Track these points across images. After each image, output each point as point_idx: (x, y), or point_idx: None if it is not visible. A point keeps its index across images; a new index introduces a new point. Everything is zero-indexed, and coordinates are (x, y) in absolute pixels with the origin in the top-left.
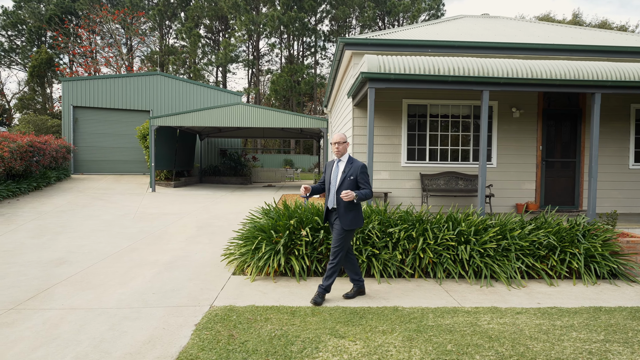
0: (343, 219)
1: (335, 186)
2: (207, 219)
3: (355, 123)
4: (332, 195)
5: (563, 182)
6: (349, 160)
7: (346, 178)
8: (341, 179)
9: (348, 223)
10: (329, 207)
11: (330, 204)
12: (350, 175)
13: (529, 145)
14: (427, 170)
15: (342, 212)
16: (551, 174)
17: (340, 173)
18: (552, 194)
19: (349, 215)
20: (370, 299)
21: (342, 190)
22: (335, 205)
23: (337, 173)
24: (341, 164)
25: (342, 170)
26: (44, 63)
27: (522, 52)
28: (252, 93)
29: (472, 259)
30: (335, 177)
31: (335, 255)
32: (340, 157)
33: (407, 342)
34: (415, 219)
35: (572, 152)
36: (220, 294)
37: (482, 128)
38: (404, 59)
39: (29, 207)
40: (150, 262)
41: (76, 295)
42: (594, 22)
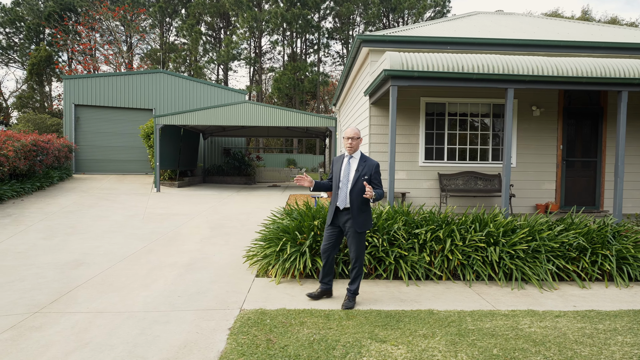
0: (356, 221)
1: (348, 185)
2: (217, 219)
3: (372, 122)
4: (345, 195)
5: (583, 182)
6: (362, 157)
7: (360, 177)
8: (354, 178)
9: (361, 225)
10: (340, 207)
11: (341, 204)
12: (364, 175)
13: (549, 144)
14: (446, 170)
15: (356, 214)
16: (571, 174)
17: (354, 171)
18: (572, 194)
19: (362, 217)
20: (403, 302)
21: (356, 190)
22: (348, 206)
23: (348, 171)
24: (353, 162)
25: (356, 168)
26: (43, 61)
27: (543, 50)
28: (254, 91)
29: (502, 260)
30: (346, 176)
31: (356, 258)
32: (352, 153)
33: (451, 346)
34: (441, 220)
35: (593, 151)
36: (247, 297)
37: (506, 127)
38: (426, 56)
39: (34, 208)
40: (169, 264)
41: (100, 298)
42: (603, 19)
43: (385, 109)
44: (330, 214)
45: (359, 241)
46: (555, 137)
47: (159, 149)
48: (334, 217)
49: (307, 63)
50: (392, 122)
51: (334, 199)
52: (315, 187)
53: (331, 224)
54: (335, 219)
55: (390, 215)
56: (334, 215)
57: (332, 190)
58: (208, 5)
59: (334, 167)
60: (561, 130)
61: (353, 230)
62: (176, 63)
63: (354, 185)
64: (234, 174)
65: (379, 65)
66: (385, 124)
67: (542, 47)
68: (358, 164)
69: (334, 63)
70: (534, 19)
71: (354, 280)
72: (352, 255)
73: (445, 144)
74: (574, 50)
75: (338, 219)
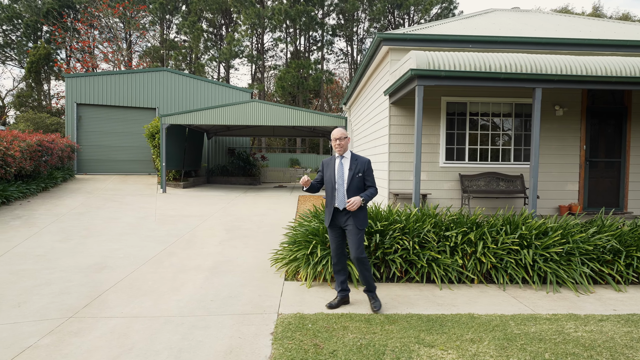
0: (356, 219)
1: (344, 185)
2: (231, 221)
3: (392, 122)
4: (342, 195)
5: (607, 182)
6: (353, 156)
7: (354, 176)
8: (349, 177)
9: (361, 222)
10: (339, 207)
11: (341, 205)
12: (357, 173)
13: (571, 144)
14: (467, 170)
15: (355, 212)
16: (595, 175)
17: (347, 171)
18: (595, 195)
19: (360, 215)
20: (440, 306)
21: (352, 188)
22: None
23: (342, 171)
24: (345, 162)
25: (349, 167)
26: (42, 59)
27: (567, 48)
28: (256, 90)
29: (536, 263)
30: (341, 176)
31: (357, 259)
32: (343, 153)
33: (501, 350)
34: (471, 222)
35: (616, 151)
36: (282, 301)
37: (534, 127)
38: (452, 55)
39: (43, 209)
40: (193, 267)
41: (132, 302)
42: (615, 15)
43: (406, 109)
44: (328, 215)
45: (359, 239)
46: (578, 137)
47: (165, 149)
48: (333, 218)
49: (312, 61)
50: (418, 122)
51: (331, 201)
52: (308, 189)
53: (331, 225)
54: (335, 219)
55: (419, 219)
56: (333, 216)
57: (315, 190)
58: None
59: (325, 169)
60: (584, 130)
61: (353, 228)
62: (177, 61)
63: (350, 184)
64: (238, 175)
65: (401, 64)
66: (405, 124)
67: (567, 46)
68: (350, 163)
69: (338, 60)
70: (552, 16)
71: (364, 282)
72: (353, 255)
73: (467, 144)
74: (598, 48)
75: (337, 219)
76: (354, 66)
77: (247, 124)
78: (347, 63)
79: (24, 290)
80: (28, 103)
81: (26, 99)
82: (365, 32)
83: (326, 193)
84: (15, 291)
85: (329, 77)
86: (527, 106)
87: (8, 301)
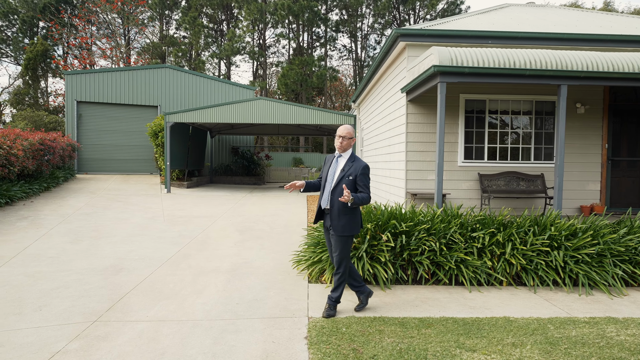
0: (335, 223)
1: (331, 185)
2: (241, 222)
3: (409, 120)
4: (327, 194)
5: (629, 182)
6: (350, 157)
7: (344, 177)
8: (339, 177)
9: (340, 228)
10: (322, 206)
11: (323, 204)
12: (349, 175)
13: (593, 143)
14: (486, 170)
15: (335, 215)
16: (617, 174)
17: (339, 171)
18: (617, 195)
19: (342, 220)
20: (472, 309)
21: (338, 190)
22: (329, 206)
23: (334, 170)
24: (341, 160)
25: (342, 167)
26: (39, 55)
27: (590, 44)
28: (258, 87)
29: (567, 265)
30: (332, 175)
31: (339, 263)
32: (342, 152)
33: (546, 355)
34: (498, 223)
35: (639, 150)
36: (310, 304)
37: (559, 125)
38: (475, 50)
39: (47, 210)
40: (211, 269)
41: (155, 305)
42: (626, 10)
43: (424, 107)
44: (316, 213)
45: (341, 245)
46: (600, 135)
47: (169, 148)
48: (317, 216)
49: (315, 57)
50: (441, 120)
51: (320, 198)
52: (306, 187)
53: (324, 227)
54: (324, 219)
55: (445, 220)
56: (318, 215)
57: (317, 188)
58: None
59: (324, 165)
60: (606, 129)
61: (333, 233)
62: (177, 57)
63: (336, 185)
64: (242, 174)
65: (421, 60)
66: (422, 122)
67: (589, 42)
68: (345, 164)
69: (341, 57)
70: (570, 11)
71: (336, 288)
72: (335, 260)
73: (486, 143)
74: (622, 44)
75: (325, 219)
76: (358, 63)
77: (254, 122)
78: (350, 60)
79: (42, 293)
80: (25, 101)
81: (23, 96)
82: (370, 27)
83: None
84: (34, 294)
85: (333, 74)
86: (547, 104)
87: (28, 305)
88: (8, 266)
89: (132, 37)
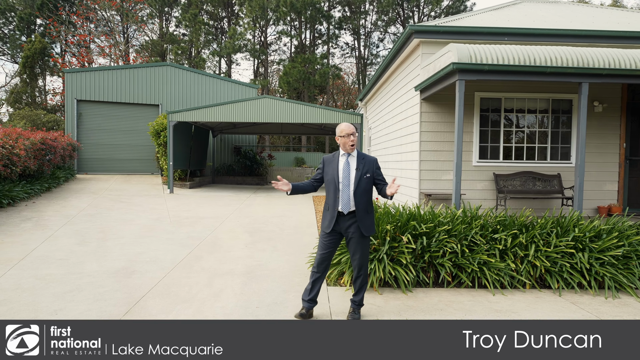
0: (363, 224)
1: (351, 187)
2: (250, 223)
3: (423, 119)
4: (349, 197)
5: None
6: (359, 155)
7: (362, 177)
8: (356, 177)
9: (368, 228)
10: (343, 211)
11: (345, 208)
12: (365, 173)
13: (611, 142)
14: (501, 170)
15: (362, 216)
16: (635, 174)
17: (355, 170)
18: (635, 195)
19: (368, 220)
20: (499, 313)
21: (360, 190)
22: (353, 209)
23: (348, 171)
24: (352, 160)
25: (356, 167)
26: (37, 53)
27: (608, 41)
28: (259, 85)
29: (593, 267)
30: (347, 176)
31: (361, 266)
32: (352, 151)
33: None
34: (520, 224)
35: None
36: (332, 308)
37: (580, 123)
38: (494, 47)
39: (51, 211)
40: (226, 271)
41: (174, 309)
42: (635, 7)
43: (438, 105)
44: (331, 220)
45: (364, 247)
46: (617, 134)
47: (172, 148)
48: (335, 222)
49: (318, 55)
50: (459, 119)
51: (334, 203)
52: (293, 190)
53: (331, 232)
54: (336, 225)
55: (465, 221)
56: (336, 221)
57: (306, 191)
58: None
59: (326, 167)
60: (624, 128)
61: (359, 235)
62: (177, 55)
63: (357, 186)
64: (245, 174)
65: (437, 58)
66: (437, 120)
67: (608, 39)
68: (357, 162)
69: (343, 55)
70: (584, 7)
71: (359, 291)
72: (357, 263)
73: (501, 142)
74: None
75: (339, 224)
76: (362, 61)
77: (259, 121)
78: (353, 57)
79: (56, 296)
80: (23, 99)
81: (21, 95)
82: (373, 25)
83: (327, 195)
84: (48, 298)
85: (336, 72)
86: (564, 102)
87: (43, 309)
88: (17, 269)
89: (132, 35)
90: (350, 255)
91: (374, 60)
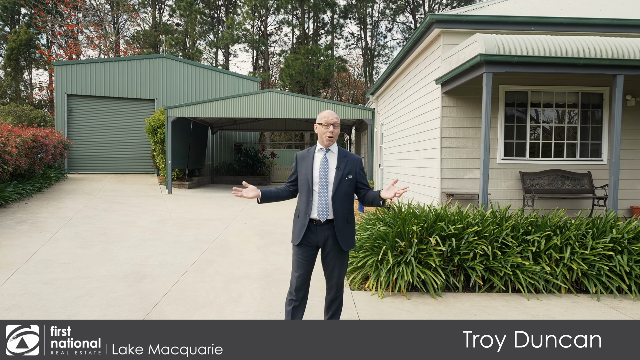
0: (342, 236)
1: (329, 189)
2: (258, 225)
3: (445, 114)
4: (326, 202)
5: None
6: (340, 151)
7: (343, 178)
8: (336, 178)
9: (348, 240)
10: (320, 219)
11: (322, 215)
12: (347, 174)
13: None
14: (528, 168)
15: (341, 226)
16: None
17: (334, 170)
18: None
19: (348, 231)
20: (535, 318)
21: (339, 194)
22: (331, 217)
23: (326, 170)
24: (331, 157)
25: (336, 166)
26: (23, 45)
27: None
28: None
29: (633, 271)
30: (325, 177)
31: (338, 287)
32: (330, 146)
33: None
34: (553, 225)
35: None
36: (359, 313)
37: (615, 118)
38: (523, 38)
39: (46, 212)
40: (241, 275)
41: (192, 315)
42: None
43: (461, 99)
44: (301, 229)
45: (343, 263)
46: None
47: (170, 145)
48: (307, 233)
49: (322, 46)
50: (487, 115)
51: (306, 209)
52: (264, 198)
53: (302, 244)
54: (308, 236)
55: (495, 222)
56: (307, 231)
57: (280, 198)
58: None
59: (299, 165)
60: None
61: (337, 249)
62: (171, 46)
63: (337, 188)
64: (246, 173)
65: (461, 48)
66: (459, 115)
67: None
68: (338, 161)
69: (348, 46)
70: None
71: (333, 316)
72: (335, 282)
73: (527, 138)
74: None
75: (315, 235)
76: (368, 52)
77: (264, 116)
78: (359, 49)
79: (67, 302)
80: (8, 94)
81: (5, 89)
82: (380, 13)
83: (299, 199)
84: (59, 303)
85: (341, 64)
86: (594, 95)
87: (54, 314)
88: (21, 273)
89: (122, 25)
90: (326, 274)
91: (382, 51)
